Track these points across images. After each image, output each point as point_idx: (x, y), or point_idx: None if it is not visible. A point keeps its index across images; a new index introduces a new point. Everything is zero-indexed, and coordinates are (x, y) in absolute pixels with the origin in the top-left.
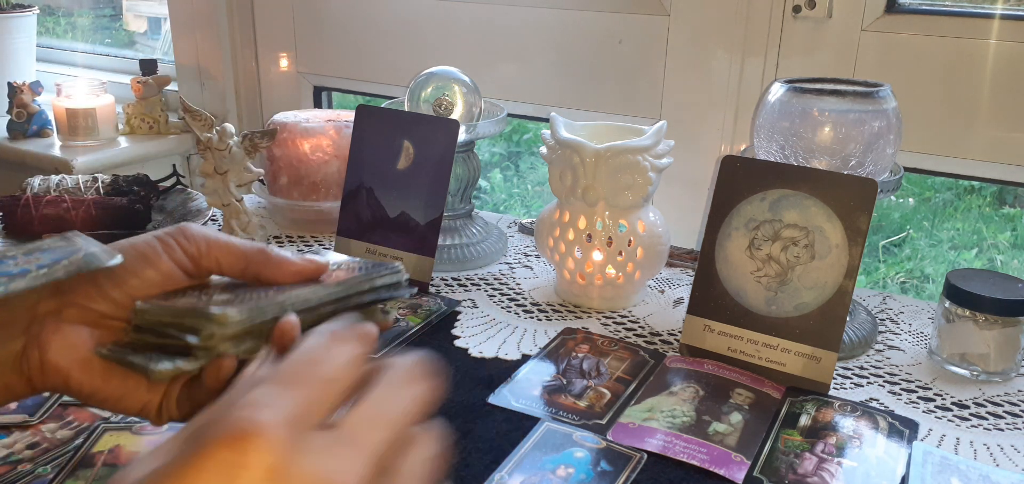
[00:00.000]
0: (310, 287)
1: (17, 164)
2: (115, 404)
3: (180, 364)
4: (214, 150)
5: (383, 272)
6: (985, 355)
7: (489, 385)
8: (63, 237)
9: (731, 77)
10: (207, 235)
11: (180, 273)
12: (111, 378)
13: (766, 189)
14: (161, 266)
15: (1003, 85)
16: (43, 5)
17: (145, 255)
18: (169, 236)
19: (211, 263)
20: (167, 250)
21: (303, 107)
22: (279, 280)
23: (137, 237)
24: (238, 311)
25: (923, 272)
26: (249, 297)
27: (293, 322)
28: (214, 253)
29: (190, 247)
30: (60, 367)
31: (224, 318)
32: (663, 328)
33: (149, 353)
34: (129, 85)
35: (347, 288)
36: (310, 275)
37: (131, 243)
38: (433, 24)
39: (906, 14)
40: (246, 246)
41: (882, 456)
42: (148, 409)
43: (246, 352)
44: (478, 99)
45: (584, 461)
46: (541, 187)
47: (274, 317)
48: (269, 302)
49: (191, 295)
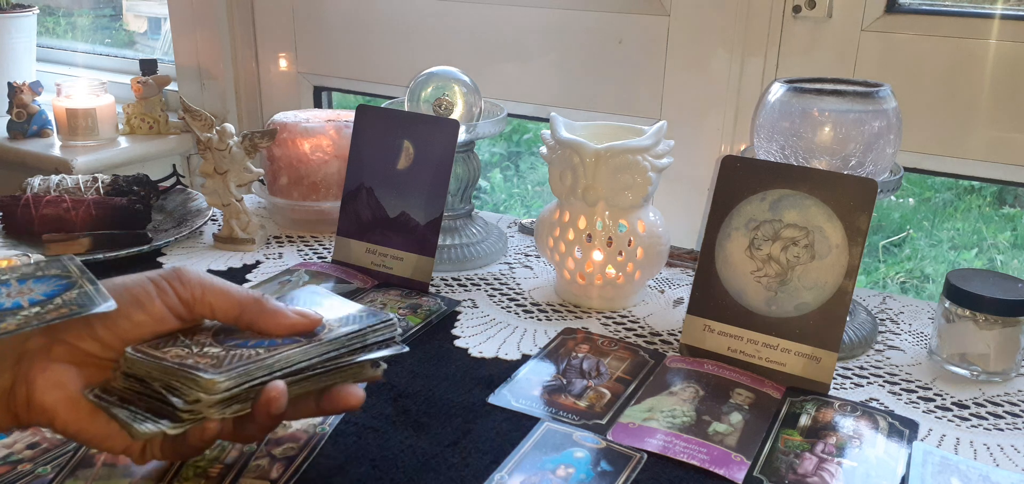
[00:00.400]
0: (301, 347)
1: (17, 164)
2: (99, 443)
3: (164, 427)
4: (214, 150)
5: (377, 327)
6: (985, 355)
7: (489, 385)
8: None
9: (731, 77)
10: (202, 280)
11: (172, 317)
12: (96, 420)
13: (766, 189)
14: (154, 310)
15: (1003, 85)
16: (43, 5)
17: (138, 298)
18: (164, 279)
19: (205, 309)
20: (161, 294)
21: (303, 107)
22: (272, 333)
23: (131, 278)
24: (226, 377)
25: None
26: (239, 355)
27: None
28: (208, 299)
29: (185, 292)
30: (46, 406)
31: (212, 385)
32: (663, 328)
33: (135, 409)
34: (129, 85)
35: (339, 347)
36: (303, 330)
37: (125, 285)
38: (433, 24)
39: (906, 14)
40: (241, 294)
41: (882, 456)
42: (131, 451)
43: (232, 413)
44: (478, 99)
45: (584, 461)
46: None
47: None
48: (259, 366)
49: (181, 344)
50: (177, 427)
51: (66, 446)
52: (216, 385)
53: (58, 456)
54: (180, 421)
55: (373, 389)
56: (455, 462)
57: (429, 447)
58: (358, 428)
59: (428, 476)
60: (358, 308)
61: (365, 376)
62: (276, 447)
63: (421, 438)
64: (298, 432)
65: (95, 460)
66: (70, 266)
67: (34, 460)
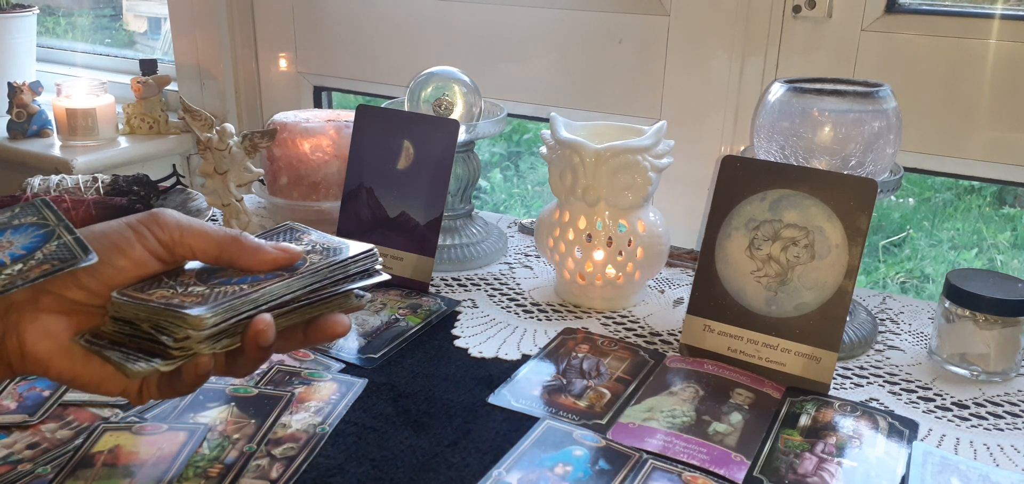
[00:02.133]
0: (284, 280)
1: (17, 164)
2: (95, 388)
3: (157, 365)
4: (214, 150)
5: (358, 258)
6: (985, 355)
7: (489, 385)
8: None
9: (731, 77)
10: (181, 222)
11: (154, 260)
12: (90, 364)
13: (766, 189)
14: (134, 255)
15: (1003, 85)
16: (43, 5)
17: (118, 245)
18: (142, 223)
19: (185, 250)
20: (140, 238)
21: (303, 107)
22: (254, 269)
23: (109, 224)
24: (213, 312)
25: (923, 272)
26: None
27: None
28: (188, 240)
29: (163, 235)
30: (39, 355)
31: (199, 321)
32: (663, 328)
33: (127, 349)
34: (129, 85)
35: (321, 278)
36: (285, 264)
37: (103, 232)
38: (433, 24)
39: (906, 14)
40: (219, 233)
41: (882, 456)
42: (128, 392)
43: (222, 348)
44: (478, 99)
45: (583, 459)
46: (541, 187)
47: (248, 314)
48: (243, 300)
49: (166, 285)
50: (170, 363)
51: (66, 446)
52: (203, 321)
53: (58, 456)
54: (172, 358)
55: (373, 389)
56: (455, 462)
57: (429, 447)
58: (358, 428)
59: (428, 476)
60: (339, 241)
61: (349, 306)
62: (276, 447)
63: (421, 438)
64: (298, 432)
65: (95, 460)
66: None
67: (34, 460)
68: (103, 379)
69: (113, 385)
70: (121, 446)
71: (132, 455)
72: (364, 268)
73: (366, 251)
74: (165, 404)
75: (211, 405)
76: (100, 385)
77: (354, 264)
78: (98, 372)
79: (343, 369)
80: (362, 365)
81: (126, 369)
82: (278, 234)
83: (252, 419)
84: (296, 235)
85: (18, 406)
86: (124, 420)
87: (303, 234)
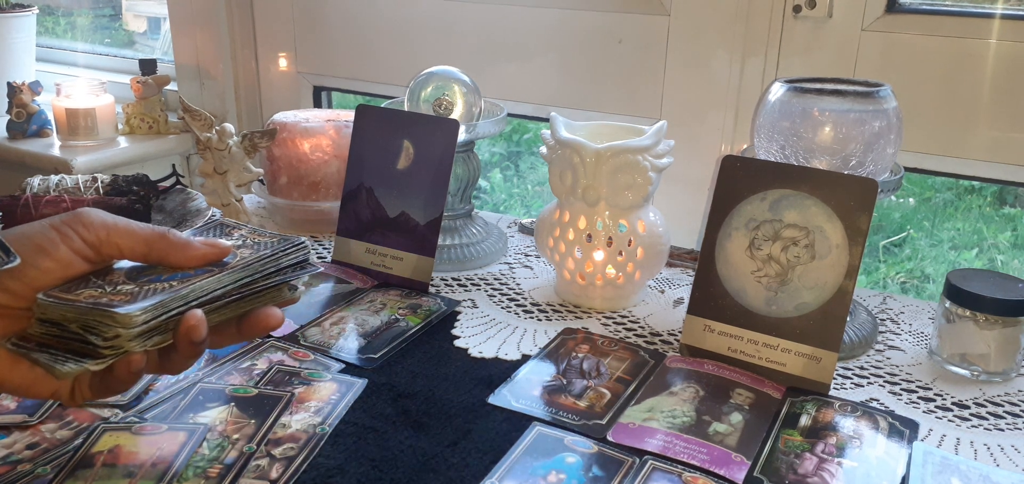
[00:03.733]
0: (215, 276)
1: (17, 164)
2: (25, 391)
3: (87, 365)
4: (214, 150)
5: (288, 250)
6: (985, 355)
7: (489, 385)
8: None
9: (731, 77)
10: (106, 221)
11: (80, 260)
12: (18, 368)
13: (766, 189)
14: (59, 255)
15: (1003, 85)
16: (43, 5)
17: (41, 246)
18: (66, 224)
19: (112, 249)
20: (64, 239)
21: (303, 107)
22: (183, 265)
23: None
24: (142, 310)
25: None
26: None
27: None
28: (114, 239)
29: (89, 235)
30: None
31: (128, 320)
32: (663, 328)
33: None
34: (129, 85)
35: (252, 272)
36: (214, 259)
37: (26, 234)
38: (433, 24)
39: (906, 14)
40: (147, 231)
41: (882, 456)
42: (60, 393)
43: (153, 345)
44: (478, 99)
45: (575, 467)
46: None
47: (179, 311)
48: (174, 297)
49: (94, 285)
50: (100, 363)
51: (66, 446)
52: (132, 319)
53: (58, 456)
54: (102, 357)
55: (373, 389)
56: (455, 462)
57: (429, 447)
58: (358, 428)
59: (428, 476)
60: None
61: (282, 300)
62: (276, 447)
63: (421, 438)
64: (298, 432)
65: (95, 460)
66: None
67: (34, 460)
68: (33, 381)
69: (44, 387)
70: (121, 446)
71: (132, 455)
72: (297, 260)
73: (297, 244)
74: (165, 404)
75: (211, 405)
76: (30, 388)
77: (285, 257)
78: (27, 375)
79: (343, 369)
80: (362, 365)
81: (55, 371)
82: (208, 230)
83: (252, 419)
84: (226, 230)
85: (18, 406)
86: (124, 420)
87: (234, 229)
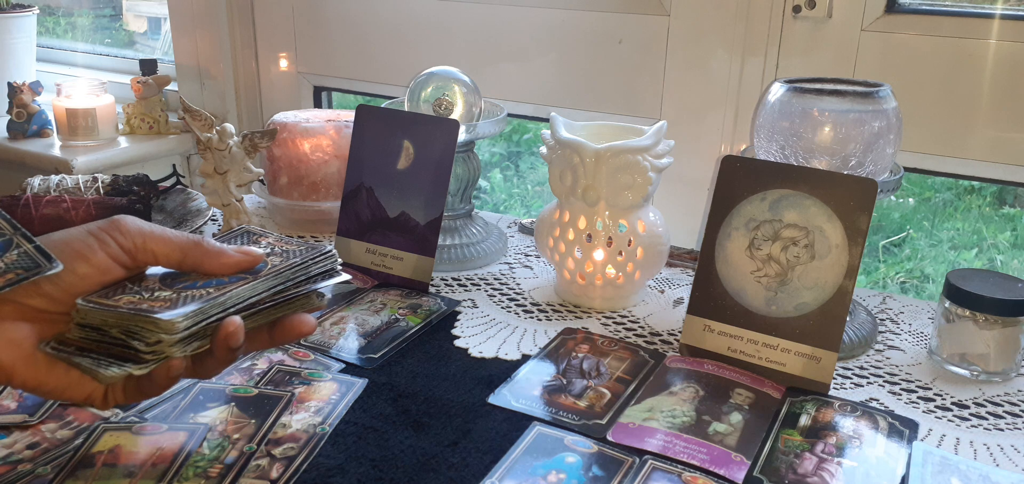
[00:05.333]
0: (249, 283)
1: (17, 164)
2: (59, 395)
3: (130, 369)
4: (214, 150)
5: (317, 258)
6: (985, 355)
7: (489, 385)
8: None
9: (731, 77)
10: (142, 228)
11: (116, 266)
12: (54, 371)
13: (766, 189)
14: (97, 261)
15: (1003, 85)
16: (43, 5)
17: (80, 252)
18: (103, 231)
19: (147, 256)
20: (102, 245)
21: (303, 107)
22: (217, 272)
23: (70, 232)
24: (184, 316)
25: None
26: (191, 296)
27: (238, 324)
28: (150, 246)
29: (125, 241)
30: (4, 364)
31: (171, 325)
32: (663, 328)
33: (96, 355)
34: (129, 85)
35: (284, 279)
36: (247, 267)
37: (65, 240)
38: (433, 24)
39: (906, 14)
40: (181, 238)
41: (882, 456)
42: (93, 398)
43: (193, 351)
44: (478, 99)
45: (575, 466)
46: (541, 187)
47: (218, 317)
48: (213, 304)
49: (131, 292)
50: (143, 367)
51: (66, 446)
52: (175, 325)
53: (58, 456)
54: (144, 362)
55: (373, 389)
56: (455, 462)
57: (429, 447)
58: (358, 428)
59: (428, 476)
60: (296, 242)
61: (311, 306)
62: (276, 447)
63: (421, 438)
64: (298, 432)
65: (95, 460)
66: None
67: (34, 460)
68: (68, 385)
69: (78, 391)
70: (121, 446)
71: (132, 455)
72: (325, 269)
73: (326, 252)
74: (165, 404)
75: (211, 405)
76: (65, 391)
77: (314, 265)
78: (63, 378)
79: (343, 369)
80: (362, 365)
81: (98, 375)
82: (236, 238)
83: (252, 419)
84: (253, 238)
85: (18, 406)
86: (124, 420)
87: (261, 237)
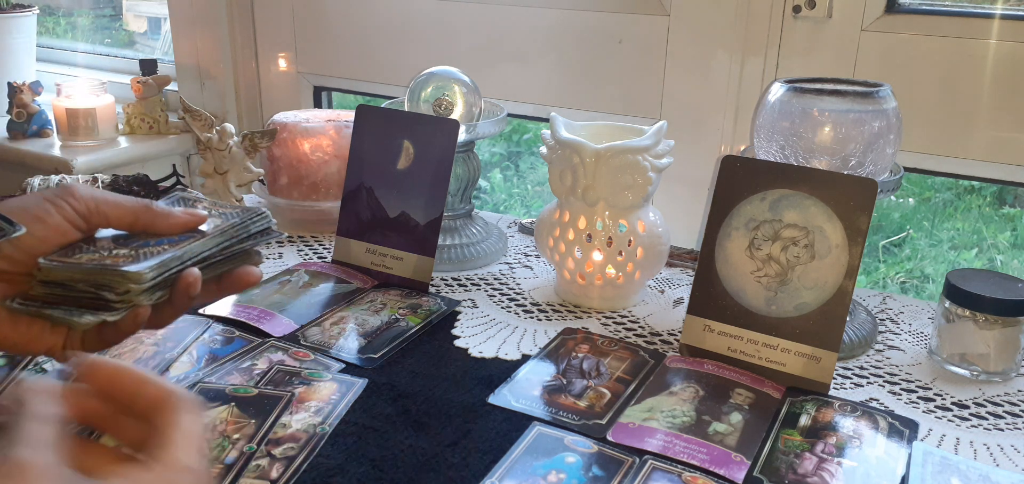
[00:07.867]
0: (198, 240)
1: (17, 164)
2: (23, 347)
3: (104, 316)
4: (214, 150)
5: (254, 218)
6: (985, 355)
7: (489, 385)
8: None
9: (731, 77)
10: (94, 194)
11: (72, 229)
12: (17, 326)
13: (766, 189)
14: (53, 223)
15: (1003, 85)
16: (43, 5)
17: (38, 216)
18: (57, 197)
19: (100, 218)
20: (58, 209)
21: (303, 107)
22: (166, 232)
23: (26, 198)
24: (150, 269)
25: (923, 272)
26: (148, 252)
27: (196, 274)
28: (103, 209)
29: (79, 205)
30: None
31: (140, 276)
32: (663, 328)
33: (67, 307)
34: (129, 85)
35: (228, 237)
36: (193, 226)
37: (22, 206)
38: (433, 24)
39: (906, 14)
40: (131, 202)
41: (882, 456)
42: (53, 350)
43: (156, 300)
44: (478, 99)
45: (575, 466)
46: (541, 187)
47: (177, 269)
48: (173, 257)
49: (88, 251)
50: (115, 314)
51: None
52: (143, 275)
53: None
54: (115, 310)
55: (373, 389)
56: (455, 462)
57: (429, 447)
58: (358, 428)
59: (428, 476)
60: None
61: (252, 261)
62: (276, 447)
63: (421, 438)
64: (298, 432)
65: None
66: None
67: None
68: (31, 339)
69: (39, 344)
70: None
71: None
72: (263, 227)
73: (260, 213)
74: None
75: (211, 405)
76: (29, 344)
77: (252, 224)
78: (25, 333)
79: (343, 369)
80: (362, 365)
81: (73, 323)
82: (175, 203)
83: (252, 419)
84: (190, 201)
85: None
86: None
87: (197, 201)
